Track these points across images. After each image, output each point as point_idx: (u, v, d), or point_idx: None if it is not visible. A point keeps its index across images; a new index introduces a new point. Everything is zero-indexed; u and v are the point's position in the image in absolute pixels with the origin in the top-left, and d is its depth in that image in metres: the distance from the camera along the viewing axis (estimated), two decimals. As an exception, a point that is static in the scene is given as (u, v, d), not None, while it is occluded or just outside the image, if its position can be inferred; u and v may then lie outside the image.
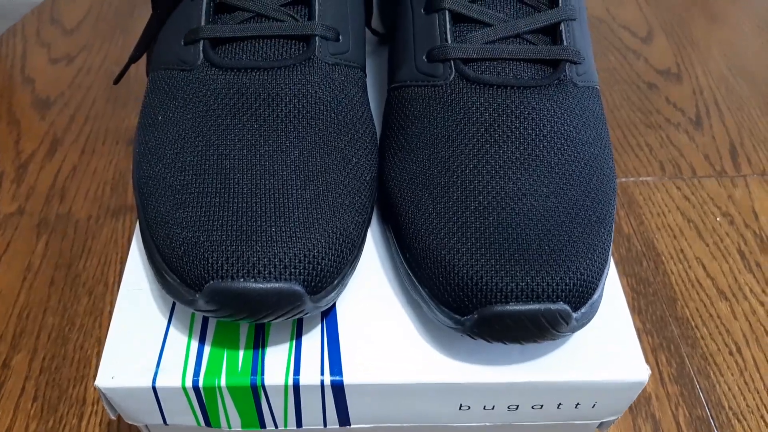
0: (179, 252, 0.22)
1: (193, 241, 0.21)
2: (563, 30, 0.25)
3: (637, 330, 0.40)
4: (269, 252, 0.21)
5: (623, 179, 0.49)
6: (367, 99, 0.27)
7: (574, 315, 0.22)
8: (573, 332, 0.23)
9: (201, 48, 0.26)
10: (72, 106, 0.51)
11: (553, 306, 0.21)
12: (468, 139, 0.24)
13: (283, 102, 0.24)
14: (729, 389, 0.38)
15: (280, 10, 0.26)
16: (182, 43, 0.27)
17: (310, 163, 0.23)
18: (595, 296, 0.23)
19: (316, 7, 0.26)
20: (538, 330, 0.22)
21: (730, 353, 0.40)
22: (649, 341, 0.40)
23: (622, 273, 0.43)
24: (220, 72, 0.25)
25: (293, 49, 0.26)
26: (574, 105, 0.25)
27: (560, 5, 0.25)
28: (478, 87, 0.24)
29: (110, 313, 0.39)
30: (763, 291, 0.43)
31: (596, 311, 0.24)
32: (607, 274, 0.25)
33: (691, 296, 0.42)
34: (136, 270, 0.27)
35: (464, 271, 0.22)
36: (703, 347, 0.40)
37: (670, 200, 0.48)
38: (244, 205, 0.22)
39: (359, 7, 0.29)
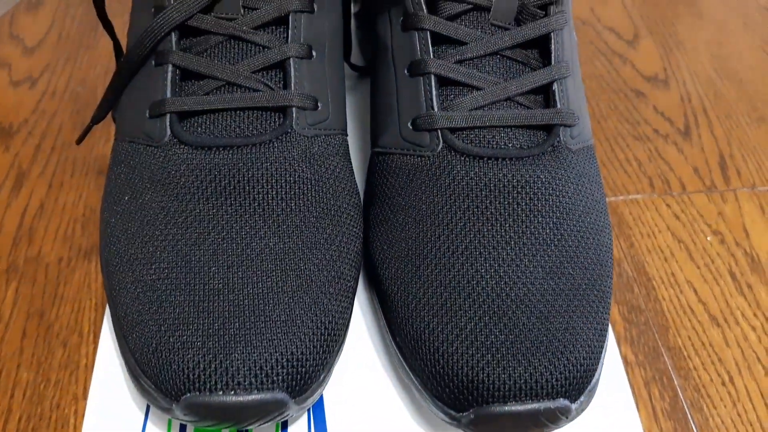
0: (153, 358, 0.20)
1: (168, 347, 0.20)
2: (556, 90, 0.24)
3: (630, 363, 0.40)
4: (249, 359, 0.20)
5: (612, 198, 0.49)
6: (350, 165, 0.26)
7: (573, 406, 0.21)
8: (572, 420, 0.22)
9: (167, 122, 0.24)
10: (37, 134, 0.49)
11: (552, 404, 0.21)
12: (458, 216, 0.23)
13: (260, 183, 0.23)
14: (722, 422, 0.38)
15: (252, 78, 0.24)
16: (147, 115, 0.25)
17: (290, 252, 0.22)
18: (594, 380, 0.23)
19: (292, 74, 0.25)
20: (537, 427, 0.21)
21: (723, 383, 0.39)
22: (641, 374, 0.40)
23: (614, 301, 0.43)
24: (190, 150, 0.24)
25: (268, 122, 0.25)
26: (570, 173, 0.24)
27: (553, 63, 0.24)
28: (467, 159, 0.23)
29: (86, 365, 0.38)
30: (755, 314, 0.43)
31: (595, 392, 0.23)
32: (606, 347, 0.24)
33: (683, 323, 0.42)
34: (109, 356, 0.26)
35: (459, 367, 0.21)
36: (696, 378, 0.40)
37: (660, 219, 0.47)
38: (220, 304, 0.21)
39: (338, 68, 0.27)
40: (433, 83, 0.24)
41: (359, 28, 0.38)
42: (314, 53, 0.27)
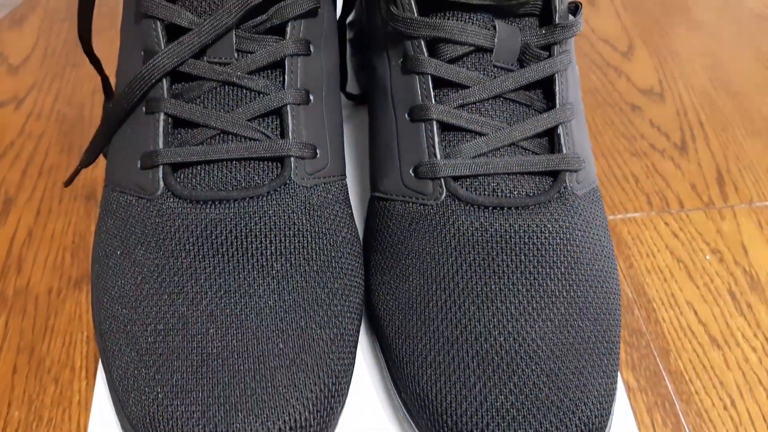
0: (152, 428, 0.20)
1: (167, 416, 0.20)
2: (561, 133, 0.24)
3: (632, 388, 0.40)
4: (251, 429, 0.19)
5: (611, 217, 0.48)
6: (350, 210, 0.26)
7: None
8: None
9: (160, 174, 0.24)
10: (23, 158, 0.48)
11: (563, 465, 0.20)
12: (464, 268, 0.22)
13: (258, 239, 0.22)
14: (725, 448, 0.38)
15: (248, 126, 0.24)
16: (138, 165, 0.24)
17: (291, 311, 0.22)
18: None
19: (289, 121, 0.24)
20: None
21: (725, 407, 0.39)
22: (643, 399, 0.39)
23: (614, 325, 0.42)
24: (184, 204, 0.23)
25: (266, 173, 0.24)
26: (577, 220, 0.23)
27: (557, 105, 0.24)
28: (471, 208, 0.23)
29: (79, 402, 0.37)
30: (755, 335, 0.43)
31: None
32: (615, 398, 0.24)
33: (684, 346, 0.42)
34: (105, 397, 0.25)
35: (468, 429, 0.20)
36: (697, 402, 0.40)
37: (659, 238, 0.47)
38: (219, 369, 0.20)
39: (336, 110, 0.26)
40: (435, 130, 0.24)
41: (354, 56, 0.37)
42: (311, 97, 0.26)
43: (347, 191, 0.26)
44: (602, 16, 0.64)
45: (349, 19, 0.38)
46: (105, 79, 0.36)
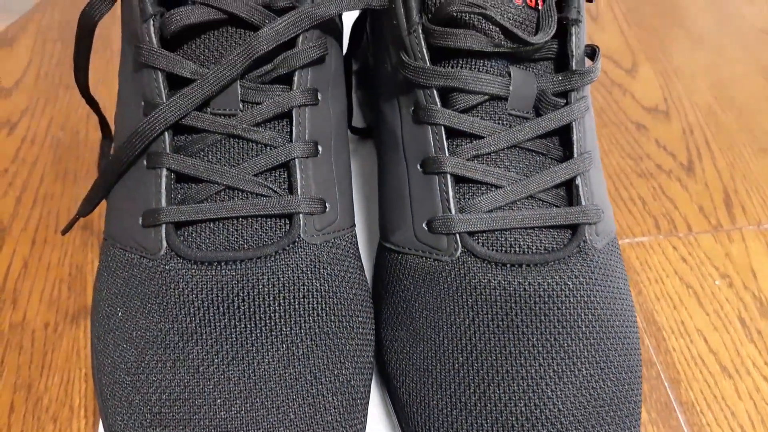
0: None
1: None
2: (580, 184, 0.23)
3: (643, 422, 0.39)
4: None
5: (619, 241, 0.48)
6: (360, 263, 0.25)
7: None
8: None
9: (163, 234, 0.23)
10: (17, 185, 0.47)
11: None
12: (482, 329, 0.22)
13: (266, 302, 0.21)
14: (739, 482, 0.37)
15: (254, 182, 0.23)
16: (140, 222, 0.23)
17: (301, 377, 0.21)
18: None
19: (298, 175, 0.23)
20: None
21: (738, 440, 0.39)
22: (655, 433, 0.39)
23: (624, 355, 0.42)
24: (188, 265, 0.22)
25: (273, 230, 0.23)
26: (597, 275, 0.23)
27: (575, 155, 0.23)
28: (489, 265, 0.22)
29: (79, 444, 0.36)
30: (765, 363, 0.42)
31: None
32: None
33: (694, 375, 0.41)
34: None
35: None
36: (710, 435, 0.39)
37: (667, 263, 0.47)
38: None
39: (345, 159, 0.26)
40: (449, 183, 0.23)
41: (359, 89, 0.36)
42: (320, 148, 0.25)
43: (357, 242, 0.26)
44: (606, 32, 0.64)
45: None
46: (103, 120, 0.35)
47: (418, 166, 0.24)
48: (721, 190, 0.51)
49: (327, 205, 0.24)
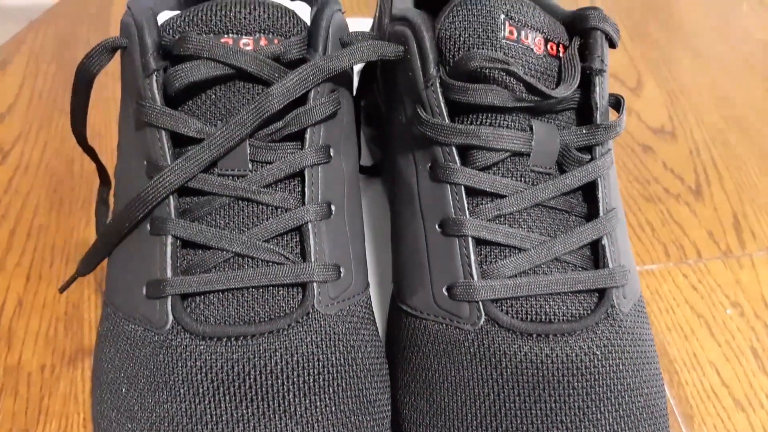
0: None
1: None
2: (606, 245, 0.22)
3: (657, 461, 0.39)
4: None
5: (627, 270, 0.47)
6: (375, 327, 0.24)
7: None
8: None
9: (169, 306, 0.22)
10: (11, 217, 0.46)
11: None
12: (508, 405, 0.21)
13: (279, 380, 0.20)
14: None
15: (265, 248, 0.22)
16: (144, 293, 0.22)
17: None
18: None
19: (311, 240, 0.22)
20: None
21: (753, 478, 0.38)
22: (670, 472, 0.38)
23: (636, 390, 0.41)
24: (196, 341, 0.21)
25: (286, 300, 0.22)
26: (625, 341, 0.22)
27: (601, 214, 0.22)
28: (513, 335, 0.21)
29: (78, 494, 0.35)
30: (780, 396, 0.41)
31: None
32: None
33: (707, 410, 0.41)
34: None
35: None
36: (725, 473, 0.38)
37: (678, 292, 0.46)
38: None
39: (358, 216, 0.25)
40: (470, 247, 0.22)
41: (368, 125, 0.35)
42: (333, 208, 0.24)
43: (371, 304, 0.24)
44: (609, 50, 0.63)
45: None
46: (101, 168, 0.34)
47: (437, 226, 0.23)
48: (730, 213, 0.51)
49: (341, 270, 0.23)
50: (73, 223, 0.46)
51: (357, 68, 0.32)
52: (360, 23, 0.51)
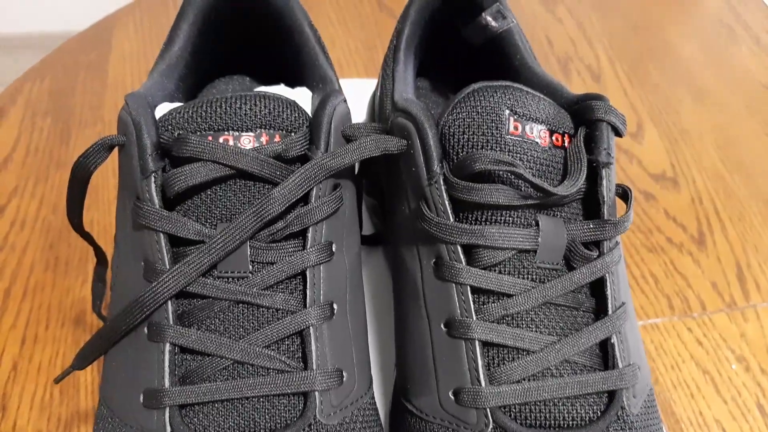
0: None
1: None
2: (616, 344, 0.22)
3: None
4: None
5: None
6: (381, 428, 0.24)
7: None
8: None
9: (167, 418, 0.21)
10: (6, 275, 0.46)
11: None
12: None
13: None
14: None
15: (265, 355, 0.22)
16: (141, 401, 0.22)
17: None
18: None
19: (313, 345, 0.22)
20: None
21: None
22: None
23: (643, 453, 0.41)
24: None
25: (287, 409, 0.22)
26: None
27: (609, 312, 0.22)
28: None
29: None
30: (789, 456, 0.41)
31: None
32: None
33: (716, 472, 0.40)
34: None
35: None
36: None
37: (683, 347, 0.46)
38: None
39: (361, 314, 0.24)
40: (477, 350, 0.22)
41: (369, 195, 0.35)
42: (335, 307, 0.24)
43: (375, 404, 0.24)
44: (609, 92, 0.64)
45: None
46: (98, 250, 0.34)
47: (442, 326, 0.23)
48: (733, 263, 0.51)
49: (344, 374, 0.23)
50: (69, 282, 0.46)
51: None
52: (362, 85, 0.52)
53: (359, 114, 0.48)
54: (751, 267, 0.51)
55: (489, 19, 0.30)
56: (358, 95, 0.49)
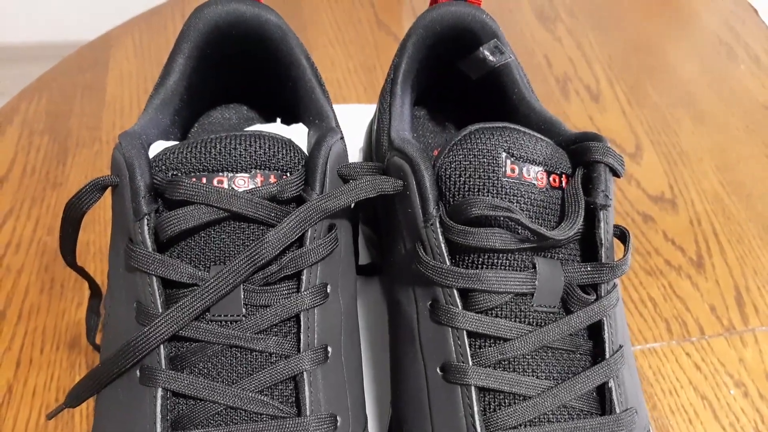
0: None
1: None
2: (613, 388, 0.22)
3: None
4: None
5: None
6: None
7: None
8: None
9: None
10: (1, 298, 0.47)
11: None
12: None
13: None
14: None
15: (258, 401, 0.22)
16: None
17: None
18: None
19: (306, 391, 0.22)
20: None
21: None
22: None
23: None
24: None
25: None
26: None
27: (607, 356, 0.22)
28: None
29: None
30: (788, 483, 0.42)
31: None
32: None
33: (714, 499, 0.41)
34: None
35: None
36: None
37: (681, 372, 0.46)
38: None
39: (356, 356, 0.25)
40: (473, 397, 0.22)
41: (365, 224, 0.36)
42: (330, 350, 0.24)
43: None
44: (608, 114, 0.65)
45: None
46: (92, 283, 0.35)
47: (438, 370, 0.24)
48: (732, 287, 0.51)
49: (338, 419, 0.23)
50: (64, 305, 0.46)
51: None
52: (361, 111, 0.52)
53: (357, 140, 0.49)
54: (750, 290, 0.51)
55: (486, 53, 0.30)
56: (356, 122, 0.49)
